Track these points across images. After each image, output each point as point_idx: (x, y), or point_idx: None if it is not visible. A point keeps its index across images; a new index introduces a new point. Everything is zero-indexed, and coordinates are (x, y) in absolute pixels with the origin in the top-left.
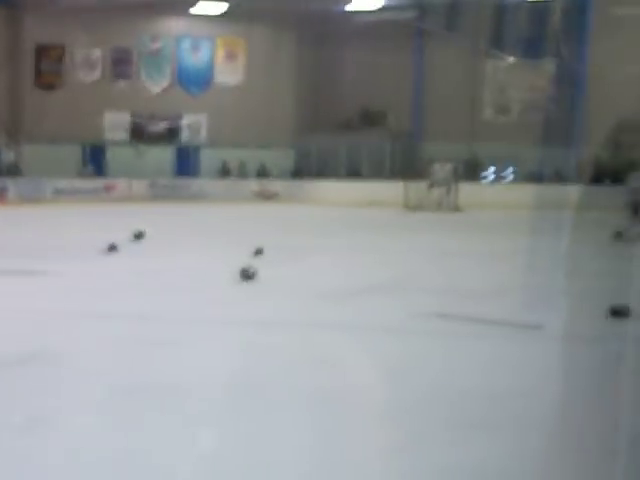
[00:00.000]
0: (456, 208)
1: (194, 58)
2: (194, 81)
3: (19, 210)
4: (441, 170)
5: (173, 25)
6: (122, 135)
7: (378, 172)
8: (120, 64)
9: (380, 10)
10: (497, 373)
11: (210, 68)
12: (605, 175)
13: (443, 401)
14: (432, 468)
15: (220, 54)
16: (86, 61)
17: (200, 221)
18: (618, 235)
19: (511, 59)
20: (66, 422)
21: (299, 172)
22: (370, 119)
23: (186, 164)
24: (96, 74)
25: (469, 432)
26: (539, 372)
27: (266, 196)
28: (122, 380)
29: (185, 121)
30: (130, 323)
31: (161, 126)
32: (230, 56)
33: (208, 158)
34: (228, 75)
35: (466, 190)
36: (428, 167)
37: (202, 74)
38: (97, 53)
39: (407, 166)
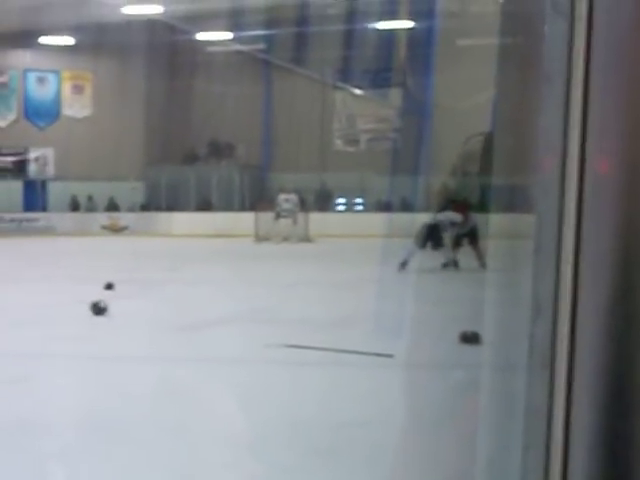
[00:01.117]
0: (306, 238)
1: (41, 91)
2: (41, 114)
3: None
4: (286, 201)
5: (19, 58)
6: None
7: (228, 204)
8: None
9: (229, 41)
10: (348, 402)
11: (57, 101)
12: (465, 207)
13: (296, 430)
14: None
15: (67, 87)
16: None
17: (49, 255)
18: (402, 265)
19: (358, 90)
20: None
21: (149, 205)
22: (219, 151)
23: (34, 198)
24: None
25: (322, 461)
26: (389, 400)
27: (115, 229)
28: None
29: (32, 155)
30: None
31: (8, 160)
32: (77, 89)
33: (56, 192)
34: (75, 108)
35: (317, 220)
36: (276, 198)
37: (49, 107)
38: None
39: (257, 197)
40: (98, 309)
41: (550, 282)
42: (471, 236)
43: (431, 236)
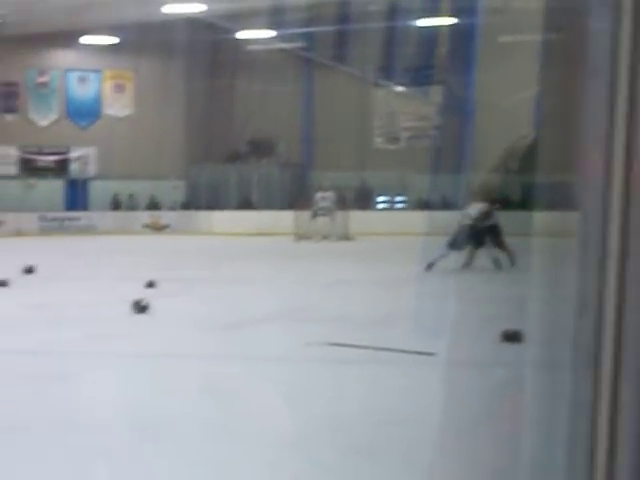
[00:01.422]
0: (346, 237)
1: (82, 91)
2: (82, 114)
3: None
4: (323, 199)
5: (60, 58)
6: (10, 169)
7: (269, 202)
8: (7, 98)
9: (270, 40)
10: (388, 400)
11: (98, 100)
12: (496, 201)
13: (337, 428)
14: None
15: (108, 86)
16: None
17: (91, 254)
18: (429, 266)
19: (399, 88)
20: None
21: (190, 203)
22: (259, 149)
23: (76, 197)
24: None
25: (363, 459)
26: (432, 398)
27: (157, 228)
28: (19, 416)
29: (74, 154)
30: (24, 358)
31: (50, 159)
32: (118, 88)
33: (98, 190)
34: (117, 107)
35: (357, 218)
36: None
37: (90, 107)
38: None
39: (298, 195)
40: (140, 307)
41: (595, 279)
42: (494, 234)
43: (472, 237)
